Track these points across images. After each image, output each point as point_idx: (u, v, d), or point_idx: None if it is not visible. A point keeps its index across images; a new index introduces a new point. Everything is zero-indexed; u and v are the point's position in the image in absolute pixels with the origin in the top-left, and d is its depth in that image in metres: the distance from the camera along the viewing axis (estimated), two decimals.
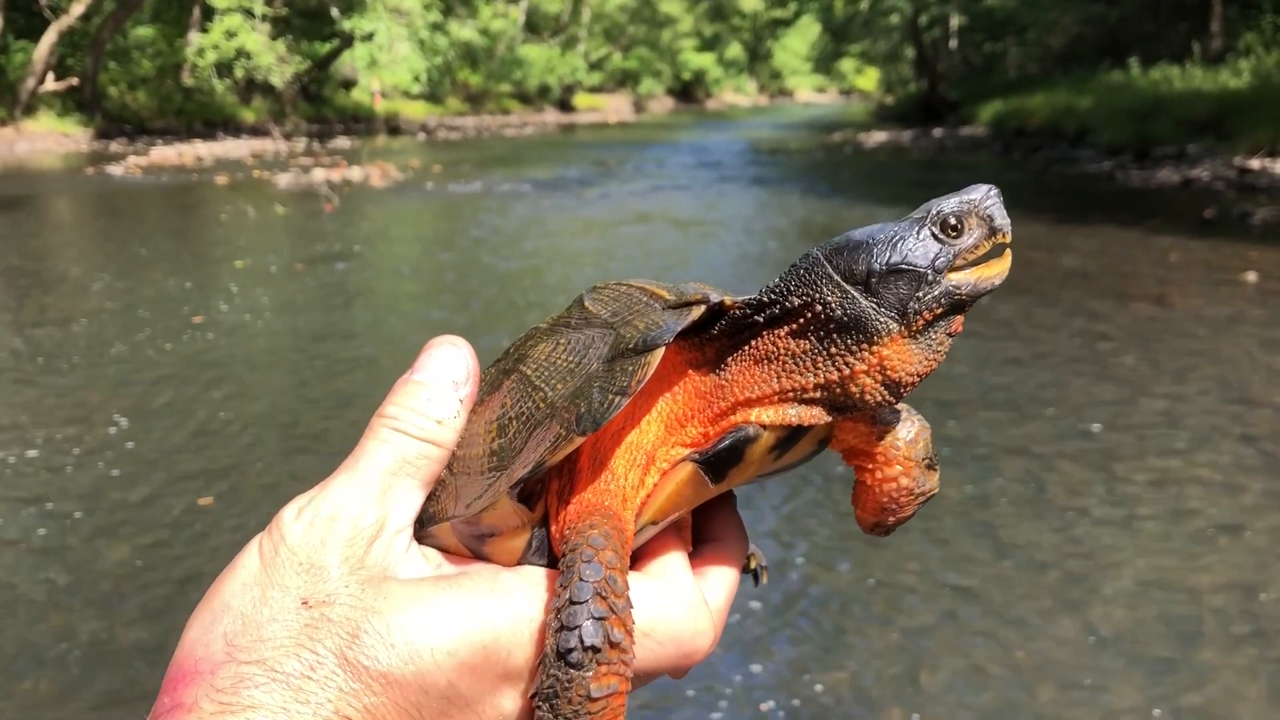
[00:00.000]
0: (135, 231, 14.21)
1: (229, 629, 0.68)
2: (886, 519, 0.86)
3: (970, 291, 0.71)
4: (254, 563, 0.71)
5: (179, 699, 0.66)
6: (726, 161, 25.17)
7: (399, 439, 0.76)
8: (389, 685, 0.66)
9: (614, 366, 0.73)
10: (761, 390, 0.74)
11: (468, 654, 0.68)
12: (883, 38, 52.54)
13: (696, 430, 0.77)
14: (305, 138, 33.67)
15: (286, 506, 0.74)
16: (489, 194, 18.12)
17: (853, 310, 0.71)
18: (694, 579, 0.79)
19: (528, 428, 0.75)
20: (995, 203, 0.73)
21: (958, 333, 0.73)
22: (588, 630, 0.66)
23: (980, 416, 5.97)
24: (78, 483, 5.19)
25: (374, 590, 0.69)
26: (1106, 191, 17.16)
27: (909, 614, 3.89)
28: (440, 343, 0.80)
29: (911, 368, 0.71)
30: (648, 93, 70.22)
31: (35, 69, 29.52)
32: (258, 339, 8.03)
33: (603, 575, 0.68)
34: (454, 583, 0.71)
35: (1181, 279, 9.69)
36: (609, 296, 0.83)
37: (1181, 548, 4.35)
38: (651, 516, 0.76)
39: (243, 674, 0.66)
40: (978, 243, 0.72)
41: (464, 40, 45.63)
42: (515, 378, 0.80)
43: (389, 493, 0.74)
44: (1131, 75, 27.82)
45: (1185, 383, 6.45)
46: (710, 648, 0.77)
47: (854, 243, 0.72)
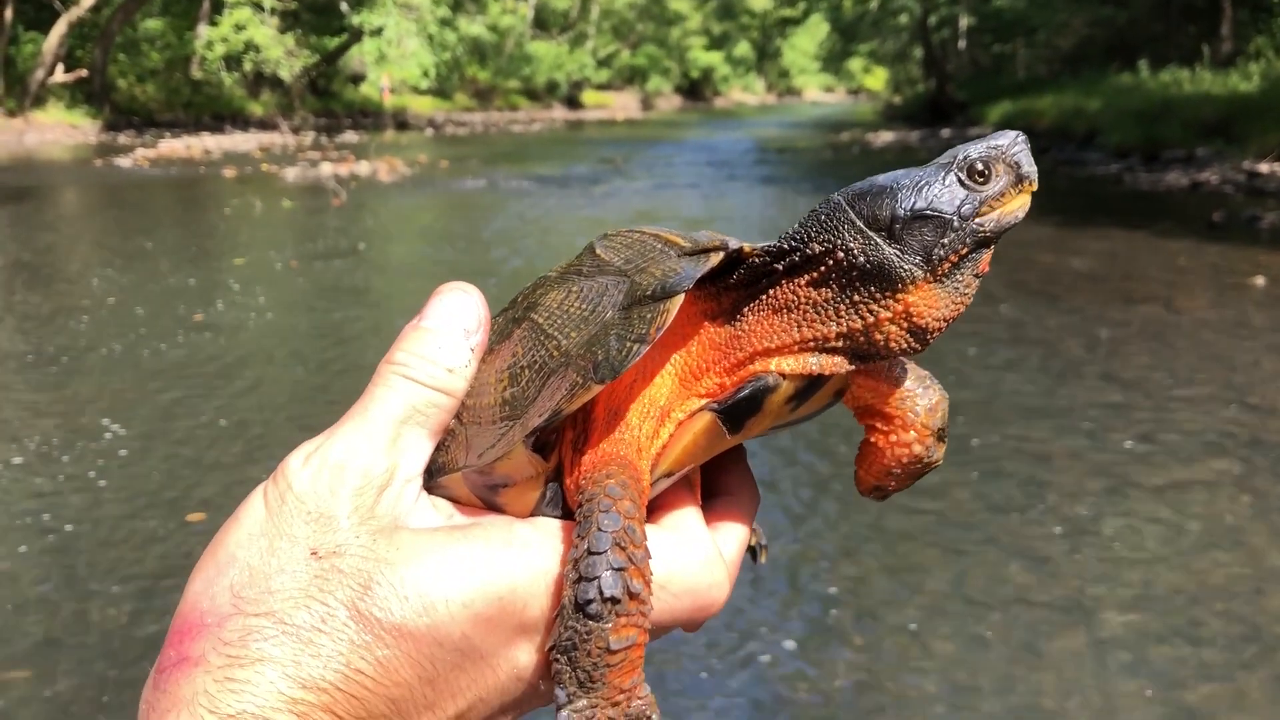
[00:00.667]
0: (141, 224, 14.23)
1: (235, 580, 0.66)
2: (888, 484, 0.85)
3: (995, 228, 0.70)
4: (259, 512, 0.69)
5: (185, 652, 0.65)
6: (734, 160, 25.15)
7: (409, 386, 0.74)
8: (402, 638, 0.65)
9: (631, 314, 0.71)
10: (781, 339, 0.72)
11: (483, 606, 0.67)
12: (891, 37, 52.47)
13: (713, 381, 0.75)
14: (313, 132, 33.72)
15: (292, 454, 0.72)
16: (496, 190, 18.12)
17: (876, 257, 0.69)
18: (709, 532, 0.77)
19: (541, 376, 0.73)
20: (1023, 149, 0.71)
21: (984, 273, 0.71)
22: (607, 581, 0.64)
23: (985, 418, 5.96)
24: (66, 490, 4.98)
25: (385, 540, 0.68)
26: (1115, 194, 17.13)
27: (909, 614, 3.88)
28: (450, 289, 0.78)
29: (938, 313, 0.70)
30: (655, 90, 70.19)
31: (44, 60, 29.57)
32: (259, 338, 7.91)
33: (621, 525, 0.66)
34: (468, 533, 0.70)
35: (1189, 282, 9.67)
36: (621, 244, 0.81)
37: (1187, 551, 4.34)
38: (667, 467, 0.75)
39: (251, 626, 0.64)
40: (1004, 190, 0.70)
41: (472, 36, 45.66)
42: (526, 326, 0.78)
43: (398, 441, 0.72)
44: (1141, 77, 27.75)
45: (1192, 386, 6.44)
46: (724, 601, 0.76)
47: (878, 188, 0.70)
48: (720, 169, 22.44)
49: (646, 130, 40.79)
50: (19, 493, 4.99)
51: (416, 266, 11.39)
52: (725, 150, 28.57)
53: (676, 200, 16.75)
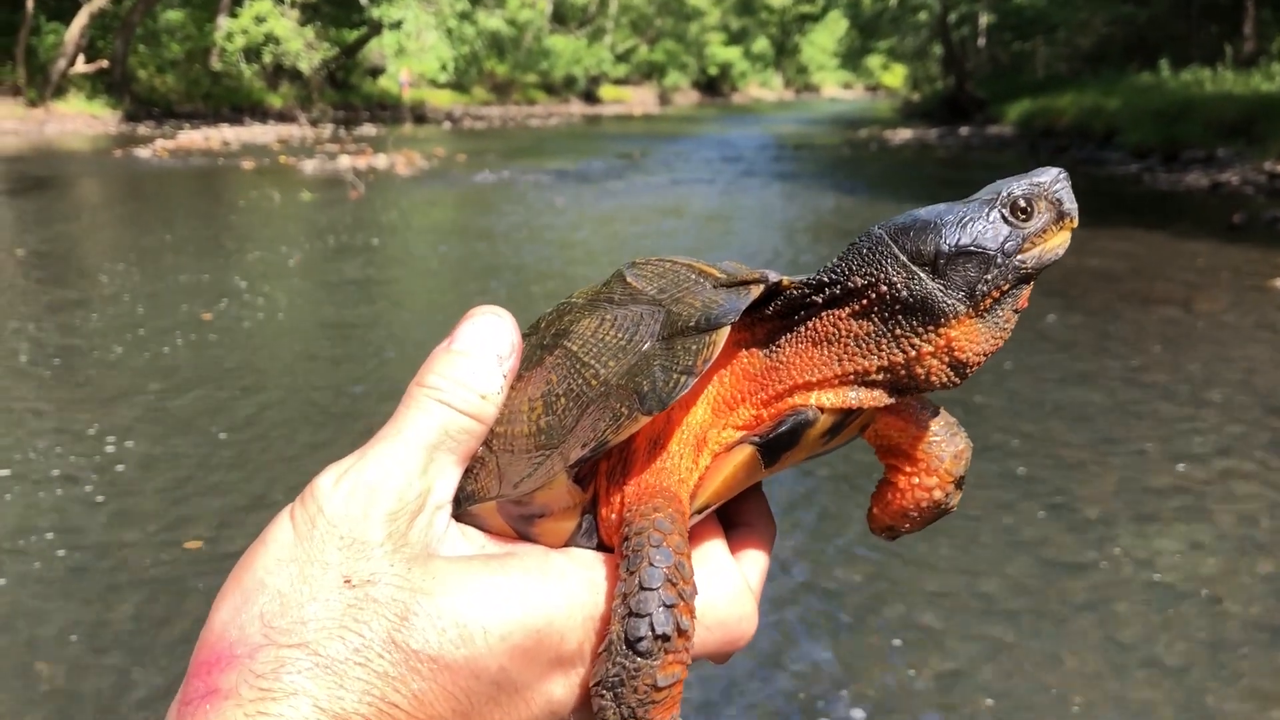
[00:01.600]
0: (159, 216, 14.29)
1: (266, 609, 0.64)
2: (902, 525, 0.85)
3: (1036, 264, 0.71)
4: (287, 536, 0.67)
5: (214, 684, 0.62)
6: (751, 156, 25.11)
7: (442, 410, 0.72)
8: (440, 669, 0.64)
9: (674, 344, 0.71)
10: (821, 373, 0.73)
11: (521, 638, 0.66)
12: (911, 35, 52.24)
13: (748, 412, 0.75)
14: (331, 124, 33.80)
15: (322, 474, 0.70)
16: (513, 184, 18.14)
17: (920, 291, 0.69)
18: (736, 564, 0.77)
19: (579, 405, 0.72)
20: (1065, 186, 0.72)
21: (1024, 308, 0.71)
22: (659, 618, 0.64)
23: (1003, 418, 5.94)
24: (59, 507, 4.70)
25: (420, 569, 0.67)
26: (1134, 194, 17.04)
27: (928, 614, 3.88)
28: (482, 312, 0.76)
29: (979, 347, 0.70)
30: (673, 86, 70.08)
31: (66, 51, 29.73)
32: (267, 340, 7.70)
33: (673, 561, 0.66)
34: (504, 564, 0.69)
35: (1209, 284, 9.61)
36: (653, 273, 0.81)
37: (1206, 553, 4.32)
38: (706, 500, 0.74)
39: (284, 658, 0.62)
40: (1045, 226, 0.71)
41: (491, 30, 45.66)
42: (559, 353, 0.76)
43: (431, 466, 0.71)
44: (1161, 77, 27.58)
45: (1212, 388, 6.40)
46: (753, 633, 0.75)
47: (921, 223, 0.71)
48: (737, 165, 22.41)
49: (664, 125, 40.76)
50: (6, 513, 4.66)
51: (434, 262, 11.40)
52: (743, 146, 28.52)
53: (694, 196, 16.73)
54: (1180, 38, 31.17)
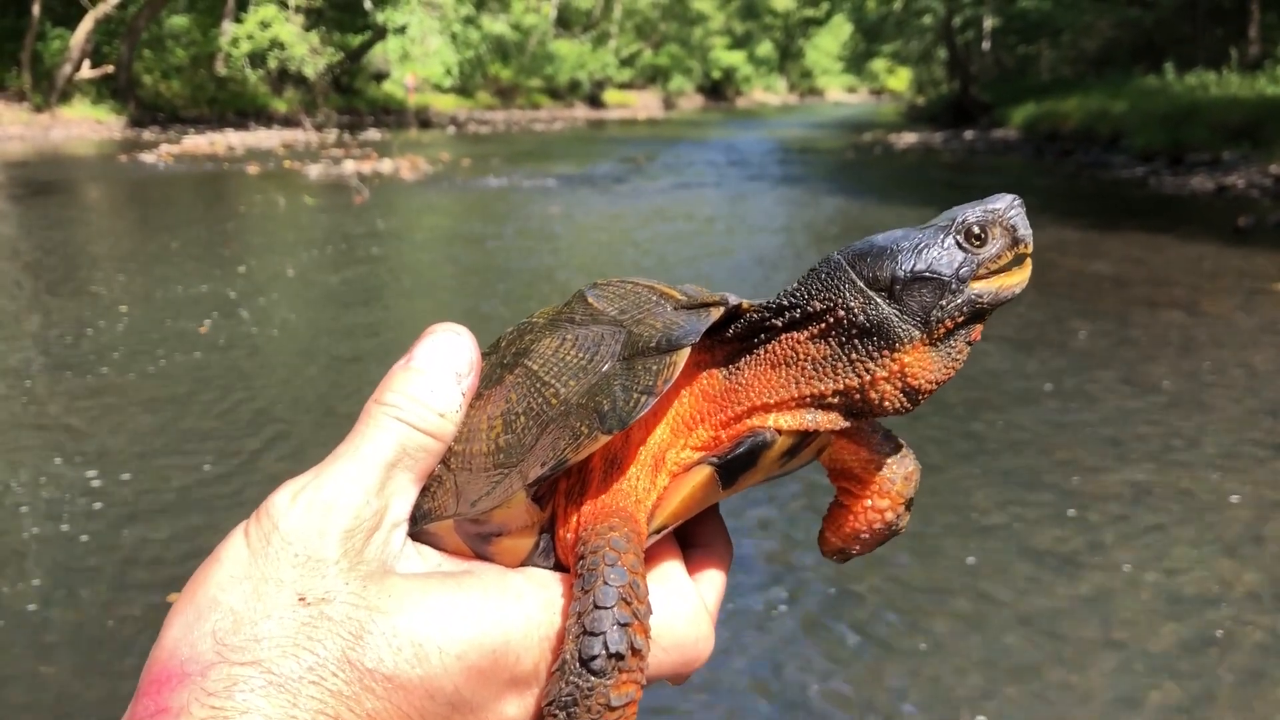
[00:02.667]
0: (162, 222, 14.31)
1: (218, 627, 0.63)
2: (853, 547, 0.86)
3: (991, 300, 0.71)
4: (241, 553, 0.67)
5: (164, 703, 0.61)
6: (756, 160, 25.12)
7: (399, 428, 0.71)
8: (394, 689, 0.63)
9: (635, 365, 0.71)
10: (779, 395, 0.73)
11: (476, 658, 0.65)
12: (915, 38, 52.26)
13: (706, 434, 0.75)
14: (336, 129, 33.86)
15: (277, 492, 0.69)
16: (518, 189, 18.16)
17: (876, 316, 0.70)
18: (694, 585, 0.77)
19: (539, 424, 0.72)
20: (1019, 213, 0.72)
21: (976, 341, 0.72)
22: (613, 637, 0.64)
23: (1007, 420, 5.93)
24: (29, 553, 4.36)
25: (376, 587, 0.66)
26: (1139, 197, 17.02)
27: (928, 615, 3.86)
28: (441, 330, 0.76)
29: (931, 375, 0.71)
30: (678, 90, 70.14)
31: (71, 56, 29.81)
32: (264, 354, 7.44)
33: (627, 580, 0.66)
34: (460, 582, 0.69)
35: (1214, 287, 9.59)
36: (614, 294, 0.81)
37: (1210, 557, 4.30)
38: (663, 520, 0.75)
39: (236, 676, 0.61)
40: (1000, 253, 0.71)
41: (496, 34, 45.74)
42: (520, 372, 0.76)
43: (388, 484, 0.70)
44: (1167, 80, 27.58)
45: (1217, 392, 6.39)
46: (709, 653, 0.75)
47: (878, 248, 0.72)
48: (742, 169, 22.42)
49: (668, 130, 40.79)
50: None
51: (439, 268, 11.42)
52: (747, 150, 28.54)
53: (698, 200, 16.74)
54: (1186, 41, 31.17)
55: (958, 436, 5.68)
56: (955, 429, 5.80)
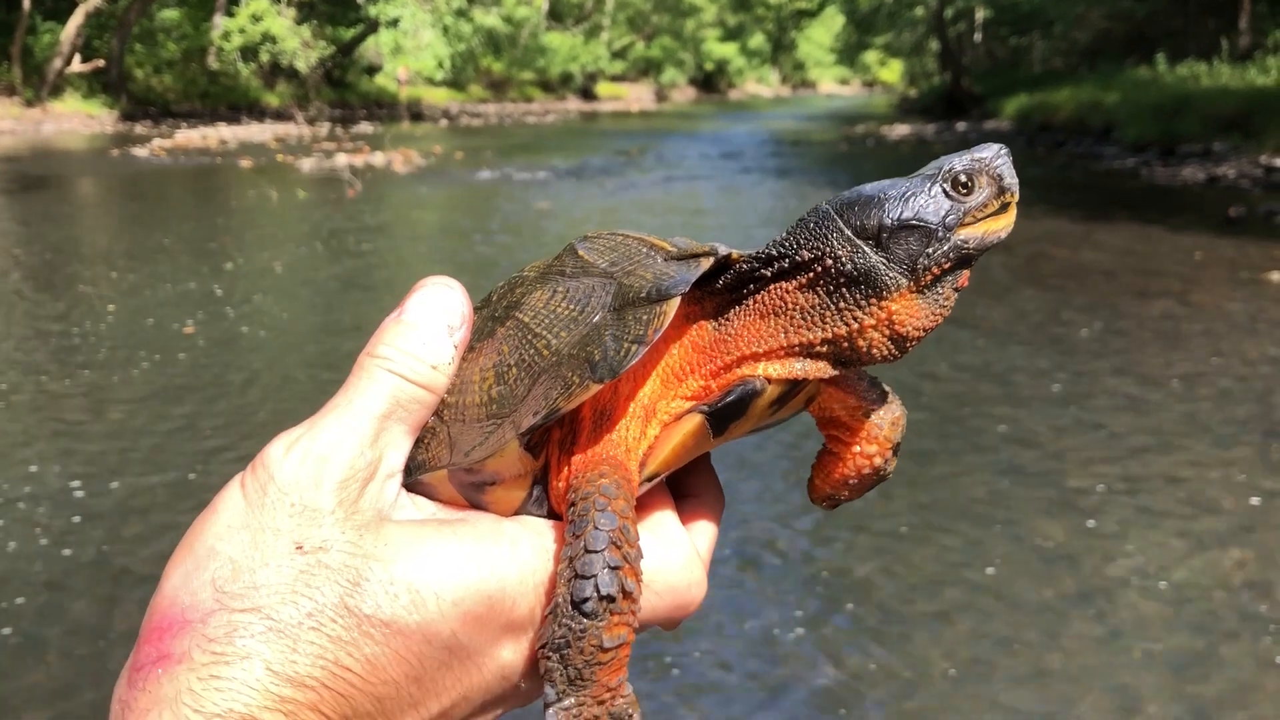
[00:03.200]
0: (154, 217, 14.28)
1: (218, 575, 0.64)
2: (841, 493, 0.87)
3: (978, 245, 0.72)
4: (238, 504, 0.67)
5: (165, 649, 0.62)
6: (748, 152, 25.11)
7: (392, 380, 0.72)
8: (392, 634, 0.64)
9: (625, 315, 0.72)
10: (768, 344, 0.74)
11: (472, 603, 0.66)
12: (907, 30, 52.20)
13: (696, 383, 0.76)
14: (328, 122, 33.76)
15: (273, 443, 0.69)
16: (510, 181, 18.13)
17: (863, 265, 0.71)
18: (686, 532, 0.78)
19: (530, 375, 0.73)
20: (1005, 162, 0.73)
21: (964, 287, 0.73)
22: (604, 579, 0.65)
23: (999, 410, 5.95)
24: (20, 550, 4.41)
25: (372, 535, 0.67)
26: (1131, 188, 17.05)
27: (923, 606, 3.89)
28: (432, 282, 0.76)
29: (918, 322, 0.71)
30: (670, 82, 70.06)
31: (62, 50, 29.70)
32: (250, 354, 7.31)
33: (618, 524, 0.67)
34: (456, 529, 0.69)
35: (1205, 277, 9.63)
36: (605, 246, 0.82)
37: (1200, 544, 4.33)
38: (655, 469, 0.75)
39: (236, 622, 0.62)
40: (987, 201, 0.72)
41: (488, 27, 45.60)
42: (511, 324, 0.77)
43: (381, 435, 0.71)
44: (1158, 71, 27.61)
45: (1207, 381, 6.42)
46: (701, 600, 0.76)
47: (865, 197, 0.72)
48: (734, 161, 22.41)
49: (661, 122, 40.74)
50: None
51: (431, 261, 11.40)
52: (739, 142, 28.52)
53: (691, 192, 16.73)
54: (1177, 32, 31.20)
55: (951, 429, 5.71)
56: (948, 422, 5.83)
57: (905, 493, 4.87)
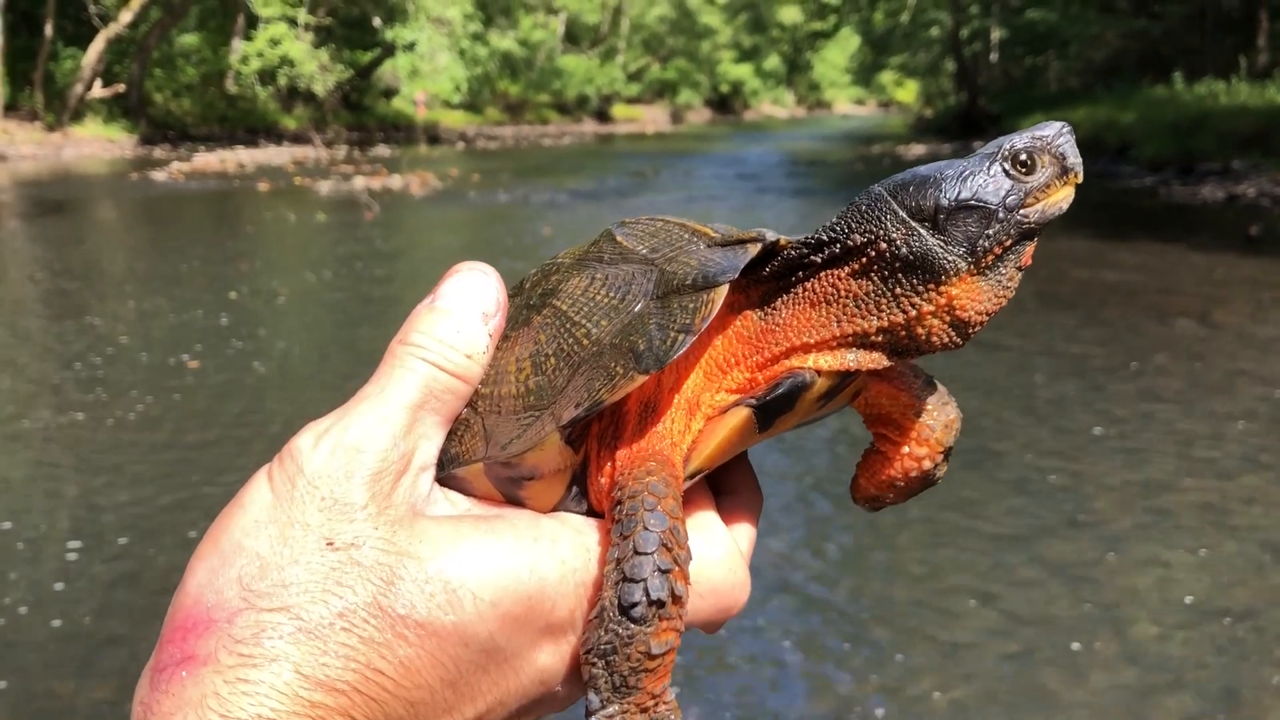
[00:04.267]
0: (175, 240, 14.34)
1: (244, 572, 0.61)
2: (887, 495, 0.83)
3: (1039, 219, 0.68)
4: (265, 497, 0.65)
5: (190, 650, 0.60)
6: (764, 173, 25.14)
7: (426, 369, 0.69)
8: (427, 636, 0.61)
9: (670, 303, 0.69)
10: (819, 334, 0.71)
11: (511, 604, 0.63)
12: (923, 50, 52.29)
13: (741, 375, 0.73)
14: (346, 145, 34.01)
15: (301, 434, 0.67)
16: (527, 203, 18.20)
17: (920, 248, 0.67)
18: (728, 531, 0.75)
19: (570, 365, 0.70)
20: (1068, 140, 0.70)
21: (1027, 265, 0.69)
22: (654, 584, 0.62)
23: (1021, 430, 5.91)
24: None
25: (406, 531, 0.64)
26: (1149, 207, 16.98)
27: (943, 625, 3.85)
28: (466, 268, 0.73)
29: (981, 306, 0.68)
30: (685, 104, 70.30)
31: (84, 76, 30.02)
32: (254, 393, 7.14)
33: (668, 525, 0.64)
34: (493, 526, 0.66)
35: (1226, 296, 9.56)
36: (644, 231, 0.79)
37: (1223, 567, 4.28)
38: (700, 464, 0.72)
39: (264, 622, 0.60)
40: (1049, 181, 0.69)
41: (504, 50, 45.95)
42: (548, 313, 0.74)
43: (415, 426, 0.68)
44: (1175, 90, 27.55)
45: (1229, 400, 6.36)
46: (745, 601, 0.73)
47: (921, 178, 0.69)
48: (750, 182, 22.44)
49: (676, 143, 40.86)
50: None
51: None
52: (755, 163, 28.56)
53: (707, 213, 16.74)
54: (1194, 51, 31.15)
55: (967, 446, 5.67)
56: (964, 438, 5.79)
57: (922, 509, 4.82)
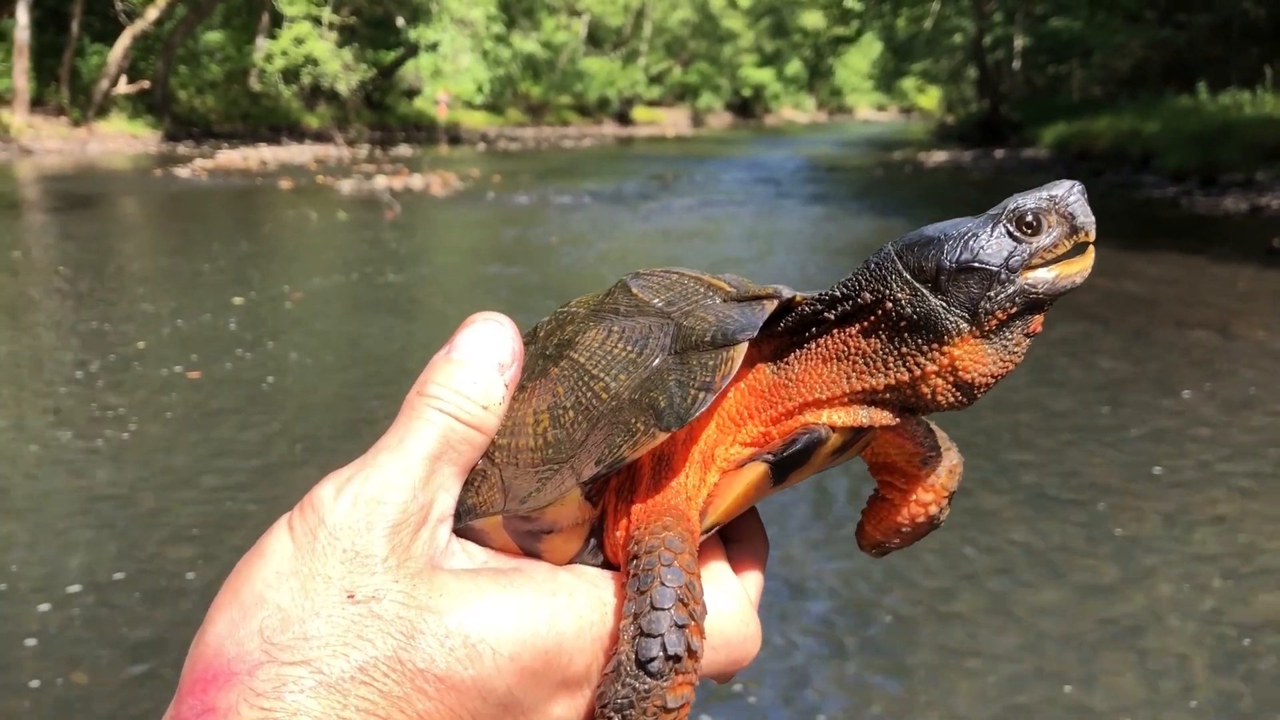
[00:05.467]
0: (197, 236, 14.39)
1: (266, 624, 0.62)
2: (893, 540, 0.85)
3: (1048, 290, 0.68)
4: (286, 548, 0.65)
5: (211, 702, 0.60)
6: (784, 178, 25.10)
7: (443, 420, 0.70)
8: (446, 690, 0.62)
9: (689, 359, 0.70)
10: (831, 390, 0.72)
11: (529, 658, 0.64)
12: (945, 57, 52.16)
13: (756, 429, 0.74)
14: (367, 144, 34.15)
15: (322, 484, 0.67)
16: (547, 205, 18.22)
17: (922, 309, 0.68)
18: (739, 582, 0.76)
19: (589, 419, 0.71)
20: (1079, 200, 0.70)
21: (1036, 333, 0.70)
22: (671, 639, 0.63)
23: (1039, 442, 5.89)
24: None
25: (426, 585, 0.64)
26: (1171, 217, 16.88)
27: (959, 640, 3.84)
28: (482, 319, 0.74)
29: (985, 369, 0.68)
30: (706, 107, 70.31)
31: (109, 72, 30.24)
32: (256, 407, 7.05)
33: (684, 580, 0.65)
34: (512, 580, 0.67)
35: (1248, 309, 9.50)
36: (659, 284, 0.79)
37: (1242, 583, 4.26)
38: (716, 518, 0.73)
39: (285, 676, 0.60)
40: (1057, 241, 0.69)
41: (526, 52, 46.05)
42: (565, 365, 0.75)
43: (433, 478, 0.69)
44: (1200, 100, 27.37)
45: (1250, 415, 6.32)
46: (756, 652, 0.74)
47: (926, 239, 0.70)
48: (770, 187, 22.41)
49: (697, 147, 40.83)
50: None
51: (470, 285, 11.47)
52: (775, 168, 28.53)
53: (727, 218, 16.74)
54: (1219, 60, 30.94)
55: (987, 461, 5.65)
56: (985, 453, 5.77)
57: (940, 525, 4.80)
